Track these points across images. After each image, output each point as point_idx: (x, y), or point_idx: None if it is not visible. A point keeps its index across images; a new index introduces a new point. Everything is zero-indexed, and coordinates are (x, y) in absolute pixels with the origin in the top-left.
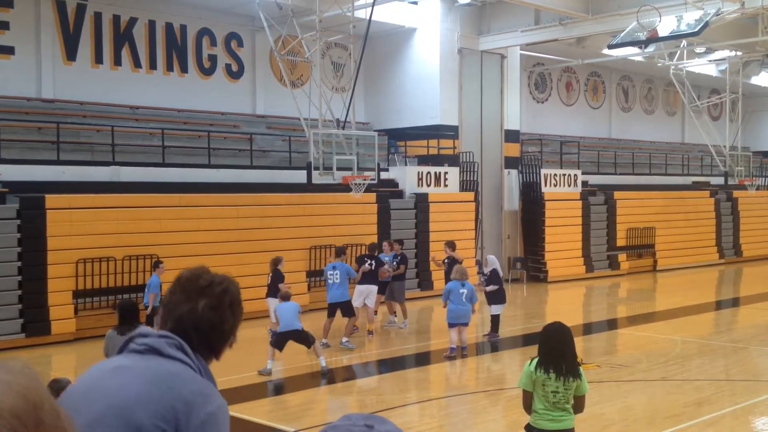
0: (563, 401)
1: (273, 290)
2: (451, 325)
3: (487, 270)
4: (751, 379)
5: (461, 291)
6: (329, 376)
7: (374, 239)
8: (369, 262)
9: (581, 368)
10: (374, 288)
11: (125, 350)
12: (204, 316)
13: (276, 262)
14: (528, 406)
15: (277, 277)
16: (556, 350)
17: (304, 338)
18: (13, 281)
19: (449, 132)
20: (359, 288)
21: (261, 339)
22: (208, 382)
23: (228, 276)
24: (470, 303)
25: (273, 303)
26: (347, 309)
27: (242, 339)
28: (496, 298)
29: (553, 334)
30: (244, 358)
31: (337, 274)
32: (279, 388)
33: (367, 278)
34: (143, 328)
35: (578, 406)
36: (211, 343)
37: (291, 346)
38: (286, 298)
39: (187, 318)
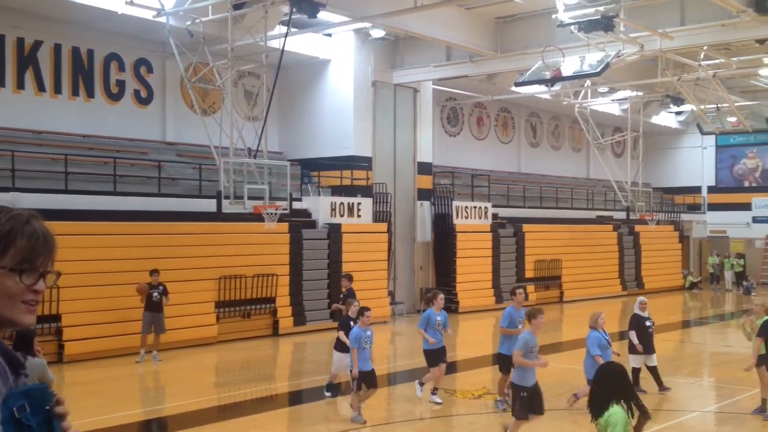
0: None
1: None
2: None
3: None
4: (653, 408)
5: None
6: None
7: (286, 269)
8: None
9: (612, 410)
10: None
11: None
12: None
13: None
14: None
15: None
16: (591, 390)
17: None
18: None
19: (363, 163)
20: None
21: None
22: None
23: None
24: None
25: (338, 356)
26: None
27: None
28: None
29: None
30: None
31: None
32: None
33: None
34: None
35: None
36: None
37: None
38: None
39: None
